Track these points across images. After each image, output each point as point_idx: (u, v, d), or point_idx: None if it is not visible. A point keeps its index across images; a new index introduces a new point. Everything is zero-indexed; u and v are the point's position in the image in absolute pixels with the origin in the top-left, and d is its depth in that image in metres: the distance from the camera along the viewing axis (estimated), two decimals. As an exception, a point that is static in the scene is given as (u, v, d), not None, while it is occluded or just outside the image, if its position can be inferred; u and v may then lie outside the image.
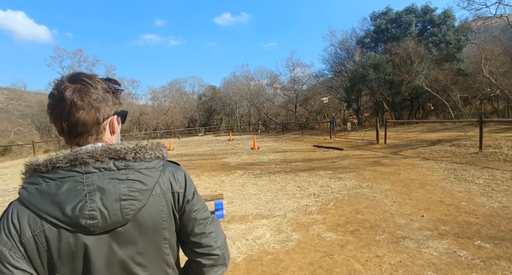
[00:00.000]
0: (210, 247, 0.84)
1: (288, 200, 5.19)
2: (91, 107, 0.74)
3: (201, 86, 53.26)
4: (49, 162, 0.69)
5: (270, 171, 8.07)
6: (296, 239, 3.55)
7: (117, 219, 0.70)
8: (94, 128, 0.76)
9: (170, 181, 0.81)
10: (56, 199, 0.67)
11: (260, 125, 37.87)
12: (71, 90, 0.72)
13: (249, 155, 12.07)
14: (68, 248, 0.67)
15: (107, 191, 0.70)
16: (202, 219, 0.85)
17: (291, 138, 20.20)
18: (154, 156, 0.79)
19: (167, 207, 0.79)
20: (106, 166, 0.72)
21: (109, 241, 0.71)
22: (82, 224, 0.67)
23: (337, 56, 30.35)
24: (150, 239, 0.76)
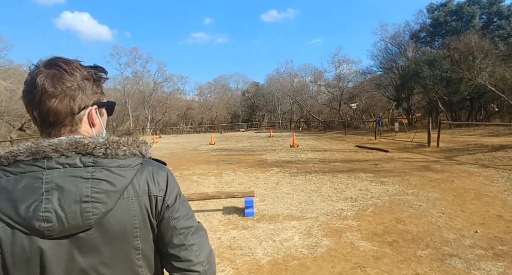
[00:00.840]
0: (189, 261, 0.72)
1: (322, 202, 4.93)
2: (64, 96, 0.66)
3: (245, 82, 53.92)
4: (10, 154, 0.63)
5: (306, 170, 7.81)
6: (326, 245, 3.32)
7: (77, 223, 0.61)
8: (68, 119, 0.68)
9: (147, 182, 0.70)
10: (11, 196, 0.60)
11: (301, 123, 37.19)
12: (44, 76, 0.65)
13: (287, 152, 11.87)
14: (22, 252, 0.60)
15: (66, 190, 0.61)
16: (183, 228, 0.74)
17: (332, 137, 19.48)
18: (129, 152, 0.70)
19: (141, 212, 0.69)
20: (71, 161, 0.63)
21: (70, 247, 0.63)
22: (35, 226, 0.59)
23: (387, 52, 28.53)
24: (118, 248, 0.66)
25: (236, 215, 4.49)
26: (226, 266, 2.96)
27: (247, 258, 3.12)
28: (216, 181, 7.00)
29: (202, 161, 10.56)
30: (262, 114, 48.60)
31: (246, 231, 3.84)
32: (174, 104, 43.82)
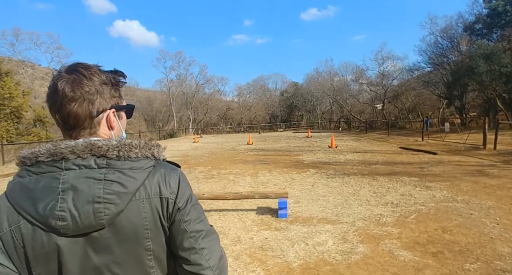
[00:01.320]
0: (199, 265, 0.72)
1: (359, 206, 4.72)
2: (83, 100, 0.70)
3: (284, 82, 53.66)
4: (32, 154, 0.67)
5: (344, 172, 7.54)
6: (362, 252, 3.17)
7: (90, 222, 0.64)
8: (87, 122, 0.71)
9: (159, 185, 0.72)
10: (32, 195, 0.64)
11: (341, 123, 36.01)
12: (65, 81, 0.69)
13: (325, 153, 11.57)
14: (41, 247, 0.64)
15: (80, 190, 0.64)
16: (194, 231, 0.74)
17: (374, 138, 18.58)
18: (141, 155, 0.71)
19: (152, 214, 0.70)
20: (86, 163, 0.66)
21: (85, 245, 0.66)
22: (52, 224, 0.63)
23: (437, 46, 26.36)
24: (129, 248, 0.68)
25: (270, 215, 4.48)
26: (257, 267, 2.97)
27: (278, 260, 3.09)
28: (252, 181, 7.05)
29: (239, 160, 10.71)
30: (301, 114, 47.98)
31: (278, 233, 3.81)
32: (214, 105, 45.07)
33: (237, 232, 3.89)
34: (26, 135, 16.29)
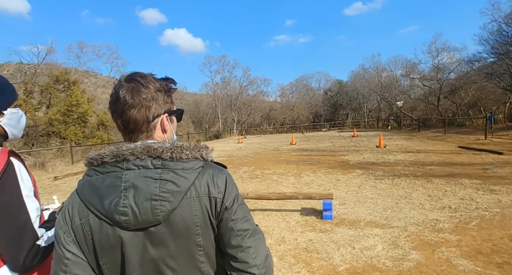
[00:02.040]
0: (246, 263, 0.75)
1: (412, 210, 4.42)
2: (141, 106, 0.77)
3: (327, 81, 52.38)
4: (98, 156, 0.74)
5: (394, 173, 7.11)
6: (415, 259, 2.97)
7: (148, 218, 0.70)
8: (145, 126, 0.78)
9: (207, 185, 0.76)
10: (99, 192, 0.71)
11: (391, 121, 33.92)
12: (125, 89, 0.76)
13: (372, 153, 11.02)
14: (107, 239, 0.71)
15: (139, 189, 0.70)
16: (241, 230, 0.77)
17: (428, 136, 17.21)
18: (191, 156, 0.76)
19: (202, 212, 0.74)
20: (144, 163, 0.72)
21: (144, 239, 0.72)
22: (116, 219, 0.69)
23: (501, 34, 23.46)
24: (182, 243, 0.73)
25: (314, 217, 4.41)
26: (302, 268, 2.94)
27: (323, 262, 3.04)
28: (295, 181, 7.00)
29: (282, 160, 10.70)
30: (346, 113, 46.33)
31: (323, 235, 3.73)
32: (258, 106, 45.64)
33: (281, 232, 3.89)
34: (91, 137, 18.10)
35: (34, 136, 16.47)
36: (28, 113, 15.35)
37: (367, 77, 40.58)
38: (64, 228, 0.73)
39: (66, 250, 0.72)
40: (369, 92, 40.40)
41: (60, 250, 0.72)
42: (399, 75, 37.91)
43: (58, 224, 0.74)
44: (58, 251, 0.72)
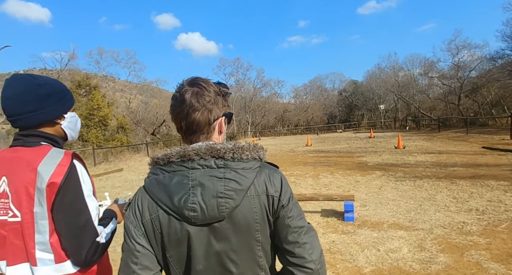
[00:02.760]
0: (303, 258, 0.79)
1: (437, 213, 4.32)
2: (204, 109, 0.81)
3: (342, 81, 51.81)
4: (165, 156, 0.79)
5: (416, 175, 6.95)
6: (443, 262, 2.90)
7: (214, 214, 0.74)
8: (206, 128, 0.83)
9: (265, 184, 0.80)
10: (167, 189, 0.76)
11: (409, 122, 33.14)
12: (190, 93, 0.80)
13: (391, 154, 10.81)
14: (175, 234, 0.75)
15: (206, 187, 0.74)
16: (297, 227, 0.81)
17: (449, 137, 16.71)
18: (251, 156, 0.80)
19: (261, 210, 0.78)
20: (208, 163, 0.77)
21: (208, 233, 0.76)
22: (185, 214, 0.74)
23: (527, 30, 22.60)
24: (243, 238, 0.77)
25: (335, 218, 4.38)
26: (327, 270, 2.92)
27: (348, 264, 3.01)
28: (314, 183, 6.96)
29: (299, 162, 10.66)
30: (361, 113, 45.60)
31: (346, 236, 3.70)
32: (271, 108, 45.67)
33: (303, 234, 3.88)
34: (111, 140, 18.64)
35: (57, 140, 17.08)
36: (52, 117, 15.92)
37: (383, 77, 39.84)
38: (134, 222, 0.78)
39: (137, 243, 0.77)
40: (386, 92, 39.67)
41: (131, 243, 0.77)
42: (416, 74, 37.06)
43: (128, 219, 0.79)
44: (129, 244, 0.77)
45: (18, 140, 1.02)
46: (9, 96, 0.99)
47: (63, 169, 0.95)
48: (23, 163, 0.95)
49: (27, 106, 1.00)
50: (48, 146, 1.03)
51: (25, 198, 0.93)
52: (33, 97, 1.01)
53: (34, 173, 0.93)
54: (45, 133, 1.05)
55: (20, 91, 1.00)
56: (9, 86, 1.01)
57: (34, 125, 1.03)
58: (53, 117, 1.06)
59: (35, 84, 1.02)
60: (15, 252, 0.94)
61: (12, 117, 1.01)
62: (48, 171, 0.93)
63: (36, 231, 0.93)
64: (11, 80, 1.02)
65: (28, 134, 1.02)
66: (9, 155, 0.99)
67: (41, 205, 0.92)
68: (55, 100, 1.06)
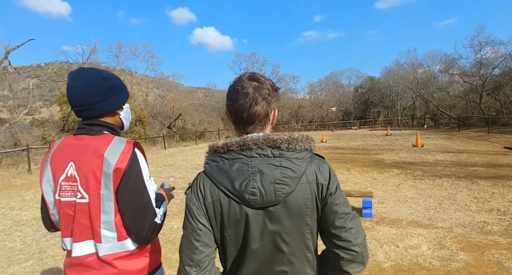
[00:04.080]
0: (349, 242, 0.86)
1: (457, 212, 4.31)
2: (265, 102, 0.88)
3: (358, 78, 50.89)
4: (225, 145, 0.86)
5: (435, 174, 6.88)
6: (463, 260, 2.94)
7: (271, 198, 0.81)
8: (264, 120, 0.90)
9: (315, 173, 0.87)
10: (228, 175, 0.83)
11: (427, 120, 32.36)
12: (252, 87, 0.88)
13: (409, 152, 10.67)
14: (234, 215, 0.83)
15: (265, 174, 0.81)
16: (344, 213, 0.88)
17: (470, 136, 16.28)
18: (303, 147, 0.87)
19: (311, 196, 0.86)
20: (265, 152, 0.84)
21: (263, 216, 0.84)
22: (245, 198, 0.81)
23: (558, 25, 21.50)
24: (295, 222, 0.85)
25: (353, 214, 4.43)
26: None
27: (367, 258, 3.08)
28: (330, 179, 6.99)
29: (314, 158, 10.66)
30: (378, 110, 44.79)
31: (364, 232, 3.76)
32: (286, 104, 45.41)
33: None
34: (130, 133, 19.11)
35: (79, 131, 17.60)
36: (74, 110, 16.39)
37: (401, 73, 38.85)
38: (196, 204, 0.86)
39: (199, 222, 0.86)
40: (404, 89, 38.73)
41: (194, 222, 0.86)
42: (436, 71, 35.98)
43: (191, 201, 0.88)
44: (192, 223, 0.86)
45: (83, 129, 1.11)
46: (78, 88, 1.08)
47: (127, 156, 1.04)
48: (89, 150, 1.04)
49: (94, 97, 1.08)
50: (110, 134, 1.12)
51: (93, 182, 1.02)
52: (99, 90, 1.09)
53: (101, 159, 1.02)
54: (107, 123, 1.14)
55: (87, 84, 1.08)
56: (77, 79, 1.09)
57: (97, 115, 1.12)
58: (115, 108, 1.16)
59: (100, 77, 1.11)
60: (81, 230, 1.05)
61: (79, 107, 1.09)
62: (113, 158, 1.02)
63: (102, 211, 1.03)
64: (78, 73, 1.10)
65: (91, 123, 1.11)
66: (75, 142, 1.08)
67: (107, 188, 1.02)
68: (116, 93, 1.16)
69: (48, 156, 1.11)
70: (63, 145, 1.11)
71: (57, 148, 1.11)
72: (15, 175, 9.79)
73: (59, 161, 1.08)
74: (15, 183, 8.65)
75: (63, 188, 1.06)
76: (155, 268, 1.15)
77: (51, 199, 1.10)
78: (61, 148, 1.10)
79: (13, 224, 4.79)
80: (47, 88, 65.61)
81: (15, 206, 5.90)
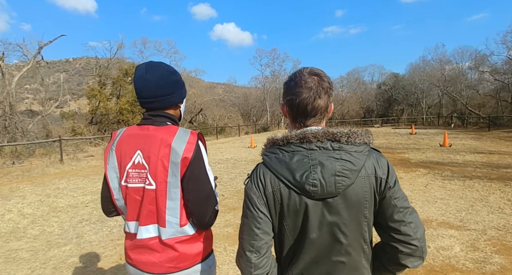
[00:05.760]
0: (408, 236, 0.86)
1: (490, 214, 4.16)
2: (327, 96, 0.91)
3: (382, 74, 49.55)
4: (285, 138, 0.89)
5: (465, 175, 6.64)
6: (498, 263, 2.85)
7: (331, 190, 0.83)
8: (323, 113, 0.93)
9: (374, 166, 0.88)
10: (289, 167, 0.86)
11: (454, 119, 31.06)
12: (315, 81, 0.90)
13: (436, 152, 10.33)
14: (294, 205, 0.86)
15: (326, 166, 0.83)
16: (403, 207, 0.88)
17: (501, 136, 15.51)
18: (362, 141, 0.88)
19: (370, 189, 0.87)
20: (324, 145, 0.86)
21: (322, 207, 0.86)
22: (306, 189, 0.83)
23: None
24: (353, 213, 0.87)
25: (380, 213, 4.37)
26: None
27: (397, 257, 3.05)
28: (354, 177, 6.90)
29: (336, 156, 10.53)
30: (401, 108, 43.47)
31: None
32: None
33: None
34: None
35: (106, 124, 18.38)
36: (102, 103, 17.11)
37: (428, 70, 37.38)
38: (257, 194, 0.90)
39: (259, 211, 0.89)
40: (430, 87, 37.28)
41: (254, 211, 0.89)
42: (466, 68, 34.36)
43: (251, 190, 0.91)
44: (252, 211, 0.90)
45: (148, 119, 1.16)
46: (152, 80, 1.13)
47: (192, 146, 1.09)
48: (157, 139, 1.09)
49: (165, 90, 1.15)
50: (174, 125, 1.17)
51: (161, 169, 1.07)
52: (169, 83, 1.16)
53: (169, 148, 1.07)
54: (170, 114, 1.20)
55: (160, 77, 1.14)
56: (150, 72, 1.13)
57: (164, 107, 1.18)
58: (180, 100, 1.23)
59: (169, 71, 1.18)
60: (148, 215, 1.11)
61: (150, 99, 1.15)
62: (180, 147, 1.07)
63: (168, 197, 1.08)
64: (150, 66, 1.15)
65: (156, 114, 1.17)
66: (141, 132, 1.14)
67: (174, 176, 1.07)
68: (180, 87, 1.23)
69: (113, 145, 1.17)
70: (128, 134, 1.17)
71: (122, 137, 1.17)
72: (48, 164, 10.35)
73: (125, 149, 1.14)
74: (48, 172, 9.14)
75: (130, 175, 1.12)
76: (208, 253, 1.21)
77: (116, 185, 1.17)
78: (127, 137, 1.16)
79: (50, 210, 5.09)
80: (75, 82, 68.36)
81: (51, 193, 6.25)
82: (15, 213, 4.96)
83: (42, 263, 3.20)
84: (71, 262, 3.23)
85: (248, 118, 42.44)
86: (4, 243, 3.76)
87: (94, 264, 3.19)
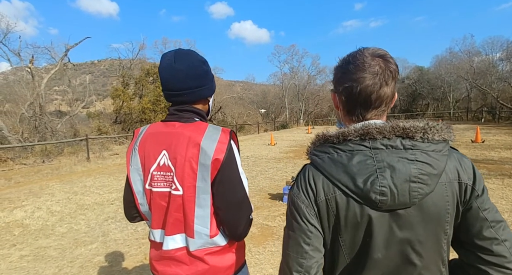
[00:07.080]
0: (503, 257, 0.69)
1: (537, 216, 3.81)
2: (394, 82, 0.74)
3: (405, 68, 47.66)
4: (341, 134, 0.72)
5: (503, 173, 6.19)
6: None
7: (404, 200, 0.66)
8: (388, 104, 0.76)
9: (457, 170, 0.71)
10: (348, 170, 0.69)
11: (484, 113, 29.43)
12: (381, 64, 0.72)
13: (468, 148, 9.75)
14: (354, 217, 0.69)
15: (397, 170, 0.67)
16: (495, 221, 0.71)
17: (540, 132, 14.48)
18: (441, 138, 0.70)
19: (453, 199, 0.70)
20: (393, 143, 0.69)
21: (389, 220, 0.69)
22: (372, 198, 0.67)
23: None
24: (431, 229, 0.69)
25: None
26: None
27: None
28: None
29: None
30: (426, 103, 41.76)
31: None
32: (325, 96, 44.14)
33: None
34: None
35: (129, 123, 18.86)
36: (125, 103, 17.56)
37: (455, 62, 35.57)
38: (306, 202, 0.73)
39: (309, 223, 0.73)
40: (457, 80, 35.48)
41: (303, 223, 0.73)
42: (496, 60, 32.40)
43: (299, 198, 0.74)
44: (300, 223, 0.73)
45: (174, 115, 1.02)
46: (182, 70, 0.98)
47: (224, 146, 0.95)
48: (184, 138, 0.95)
49: (196, 81, 1.00)
50: (202, 122, 1.03)
51: (188, 173, 0.93)
52: (199, 74, 1.01)
53: (197, 148, 0.93)
54: (198, 109, 1.05)
55: (191, 66, 0.99)
56: (179, 61, 0.99)
57: (193, 101, 1.03)
58: (209, 94, 1.08)
59: (200, 61, 1.03)
60: (174, 223, 0.98)
61: (179, 91, 1.00)
62: (211, 147, 0.93)
63: (197, 204, 0.95)
64: (179, 54, 1.00)
65: (182, 109, 1.02)
66: (167, 129, 1.00)
67: (204, 180, 0.93)
68: (211, 78, 1.07)
69: (135, 144, 1.04)
70: (152, 132, 1.03)
71: (145, 135, 1.04)
72: (76, 163, 10.70)
73: (149, 149, 1.01)
74: (76, 170, 9.44)
75: (155, 178, 1.00)
76: (241, 265, 1.09)
77: (140, 189, 1.05)
78: (151, 135, 1.02)
79: (77, 208, 5.20)
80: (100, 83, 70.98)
81: (78, 191, 6.41)
82: (44, 210, 5.10)
83: (69, 262, 3.24)
84: (97, 261, 3.25)
85: (267, 116, 42.27)
86: (34, 241, 3.85)
87: (119, 264, 3.19)
